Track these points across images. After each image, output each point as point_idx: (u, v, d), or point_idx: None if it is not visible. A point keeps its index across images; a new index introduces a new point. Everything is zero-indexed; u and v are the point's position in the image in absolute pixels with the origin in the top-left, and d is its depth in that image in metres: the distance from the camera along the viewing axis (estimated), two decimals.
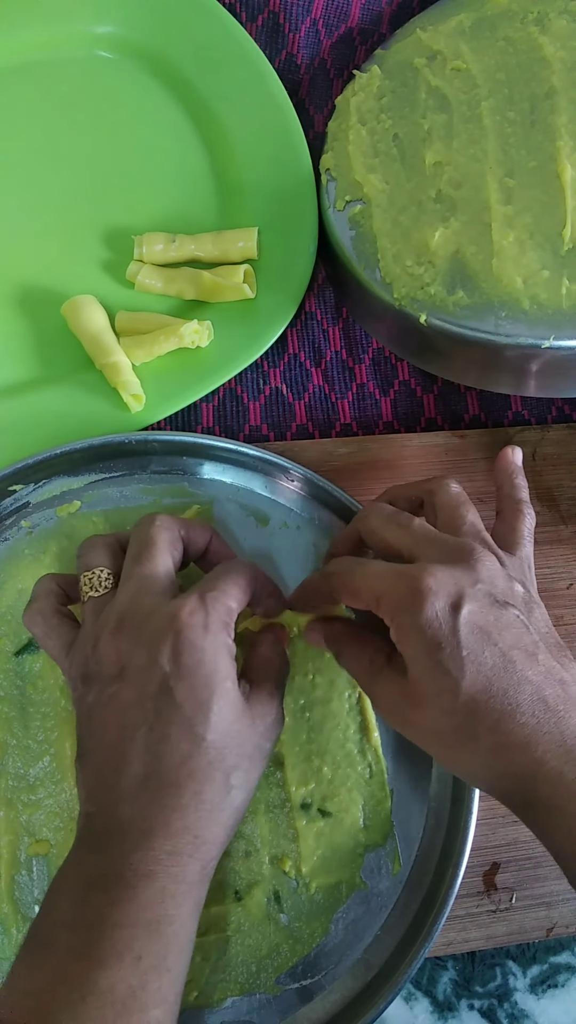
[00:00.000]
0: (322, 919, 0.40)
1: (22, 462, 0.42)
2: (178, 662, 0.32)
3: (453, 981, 0.45)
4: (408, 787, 0.42)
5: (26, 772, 0.40)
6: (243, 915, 0.39)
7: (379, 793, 0.41)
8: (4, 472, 0.42)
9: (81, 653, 0.35)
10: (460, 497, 0.37)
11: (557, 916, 0.43)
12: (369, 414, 0.50)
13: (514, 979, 0.45)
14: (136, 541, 0.37)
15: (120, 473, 0.44)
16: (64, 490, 0.44)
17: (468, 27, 0.48)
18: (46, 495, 0.44)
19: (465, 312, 0.42)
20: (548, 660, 0.32)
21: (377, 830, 0.41)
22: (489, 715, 0.31)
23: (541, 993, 0.44)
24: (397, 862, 0.41)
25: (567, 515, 0.48)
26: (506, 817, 0.43)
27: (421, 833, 0.41)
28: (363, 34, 0.55)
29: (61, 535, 0.43)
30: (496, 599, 0.32)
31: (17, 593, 0.42)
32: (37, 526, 0.43)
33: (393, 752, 0.42)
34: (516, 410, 0.51)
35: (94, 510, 0.44)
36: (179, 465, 0.45)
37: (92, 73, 0.53)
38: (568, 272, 0.41)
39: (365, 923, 0.40)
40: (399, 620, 0.32)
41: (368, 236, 0.46)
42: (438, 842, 0.41)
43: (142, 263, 0.49)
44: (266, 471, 0.45)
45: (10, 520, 0.43)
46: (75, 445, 0.43)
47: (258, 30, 0.54)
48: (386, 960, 0.39)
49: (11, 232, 0.50)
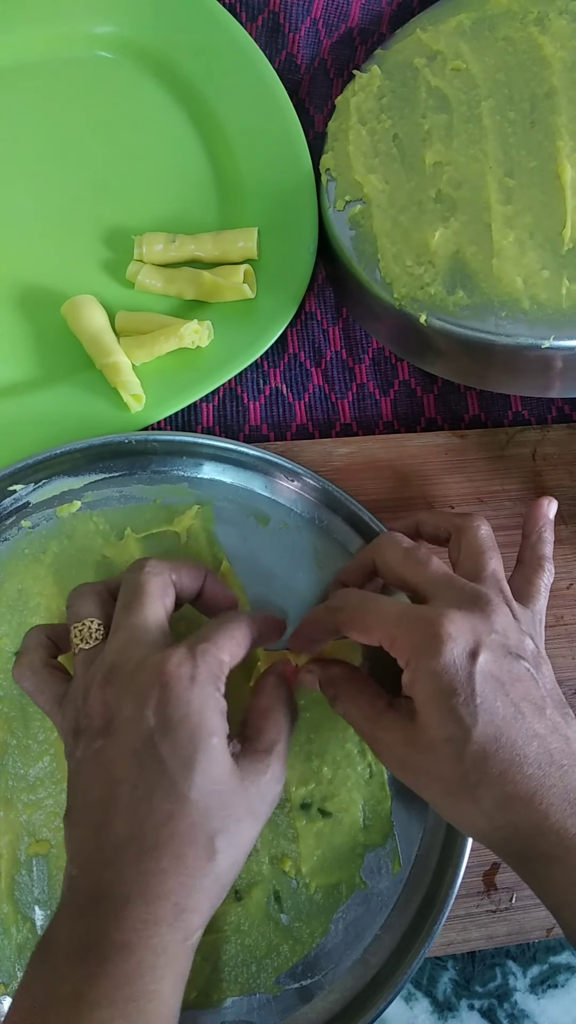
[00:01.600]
0: (322, 919, 0.40)
1: (22, 462, 0.42)
2: (163, 715, 0.30)
3: (453, 981, 0.45)
4: (408, 787, 0.41)
5: (26, 772, 0.40)
6: (243, 915, 0.39)
7: (379, 793, 0.41)
8: (4, 472, 0.42)
9: (72, 706, 0.33)
10: (488, 543, 0.37)
11: None
12: (369, 414, 0.50)
13: (514, 979, 0.45)
14: (126, 589, 0.35)
15: (120, 473, 0.44)
16: (64, 490, 0.44)
17: (468, 27, 0.48)
18: (46, 495, 0.44)
19: (465, 312, 0.42)
20: (554, 715, 0.32)
21: (377, 830, 0.41)
22: (497, 765, 0.30)
23: (541, 993, 0.44)
24: (397, 862, 0.41)
25: (567, 515, 0.48)
26: None
27: (421, 833, 0.41)
28: (363, 34, 0.55)
29: (61, 535, 0.43)
30: (509, 651, 0.32)
31: (17, 592, 0.42)
32: (37, 526, 0.43)
33: None
34: (516, 410, 0.51)
35: (94, 510, 0.44)
36: (179, 465, 0.45)
37: (92, 73, 0.53)
38: (568, 272, 0.41)
39: (365, 923, 0.40)
40: (415, 663, 0.32)
41: (368, 236, 0.46)
42: (438, 842, 0.41)
43: (142, 263, 0.49)
44: (266, 471, 0.45)
45: (10, 520, 0.43)
46: (75, 445, 0.43)
47: (258, 30, 0.54)
48: (386, 960, 0.39)
49: (11, 232, 0.50)
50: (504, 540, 0.46)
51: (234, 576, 0.44)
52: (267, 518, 0.45)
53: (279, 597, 0.43)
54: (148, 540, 0.44)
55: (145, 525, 0.44)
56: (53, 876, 0.39)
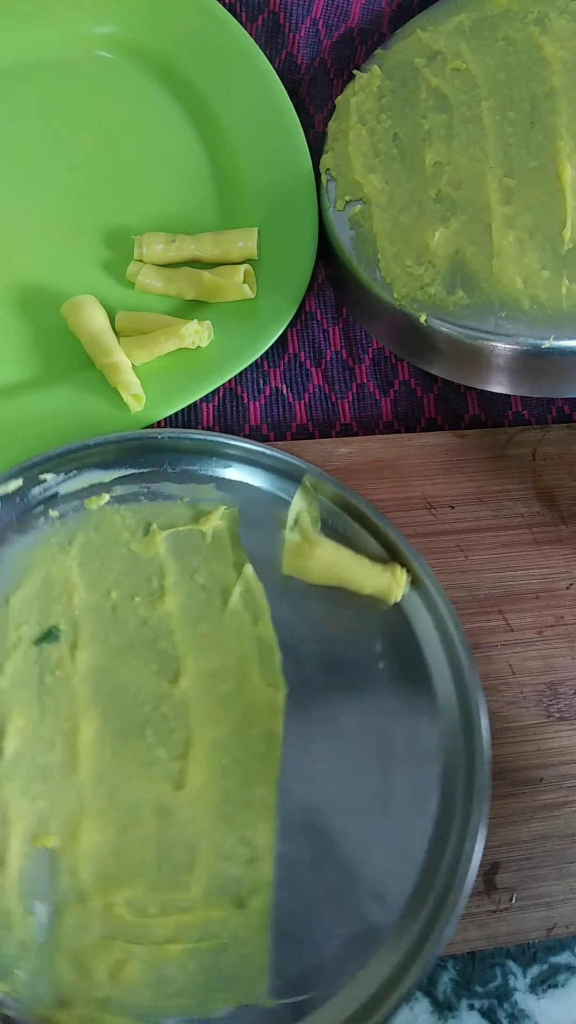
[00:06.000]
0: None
1: (56, 450, 0.43)
2: None
3: (453, 981, 0.44)
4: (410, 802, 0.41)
5: (38, 761, 0.40)
6: (242, 923, 0.39)
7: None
8: (36, 459, 0.42)
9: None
10: None
11: (557, 916, 0.43)
12: (369, 414, 0.50)
13: (514, 979, 0.45)
14: None
15: (149, 469, 0.45)
16: (94, 483, 0.44)
17: (468, 27, 0.48)
18: (76, 486, 0.44)
19: (465, 312, 0.42)
20: None
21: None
22: None
23: (541, 993, 0.44)
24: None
25: (567, 515, 0.48)
26: (506, 817, 0.43)
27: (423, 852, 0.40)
28: (363, 34, 0.55)
29: (88, 527, 0.44)
30: None
31: (42, 581, 0.42)
32: (64, 516, 0.44)
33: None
34: (516, 410, 0.51)
35: (122, 504, 0.44)
36: (208, 465, 0.45)
37: (92, 73, 0.53)
38: (568, 272, 0.41)
39: (368, 936, 0.39)
40: None
41: (368, 236, 0.46)
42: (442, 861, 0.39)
43: (142, 263, 0.49)
44: (295, 476, 0.45)
45: (38, 509, 0.44)
46: (109, 438, 0.43)
47: (258, 30, 0.54)
48: (388, 974, 0.38)
49: (11, 232, 0.50)
50: (504, 540, 0.47)
51: (256, 581, 0.43)
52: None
53: (298, 606, 0.43)
54: (173, 537, 0.44)
55: (171, 522, 0.44)
56: (55, 870, 0.39)
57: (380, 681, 0.42)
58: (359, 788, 0.41)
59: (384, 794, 0.40)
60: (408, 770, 0.41)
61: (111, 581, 0.43)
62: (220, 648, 0.42)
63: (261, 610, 0.43)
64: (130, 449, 0.44)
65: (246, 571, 0.43)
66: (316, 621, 0.43)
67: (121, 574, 0.43)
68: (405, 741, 0.41)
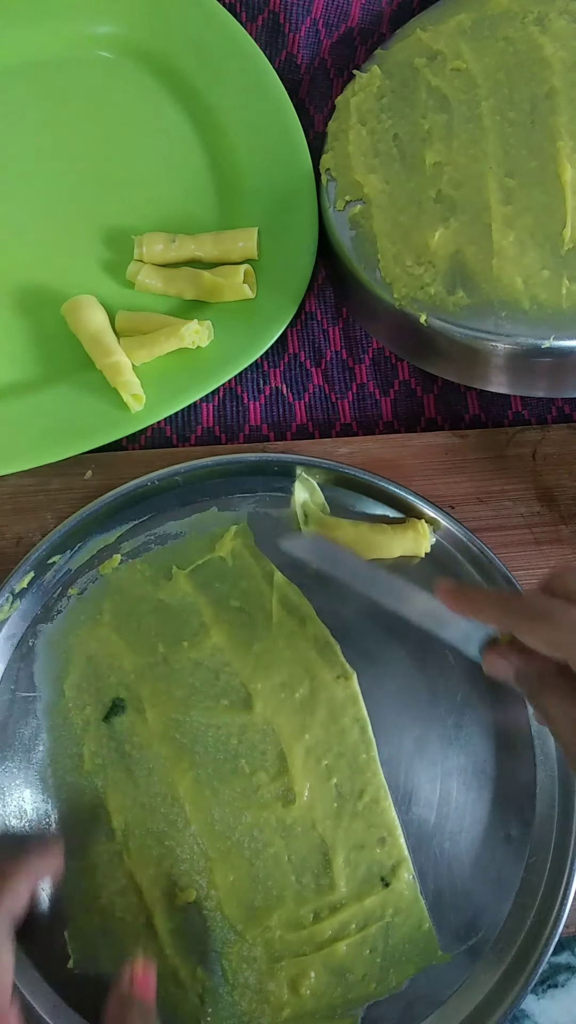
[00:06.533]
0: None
1: (53, 535, 0.43)
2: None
3: None
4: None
5: (149, 828, 0.40)
6: (394, 899, 0.40)
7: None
8: (40, 549, 0.42)
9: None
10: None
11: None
12: (369, 414, 0.50)
13: None
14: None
15: (149, 515, 0.45)
16: (101, 547, 0.44)
17: (468, 27, 0.48)
18: (85, 557, 0.44)
19: (465, 312, 0.42)
20: None
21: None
22: None
23: (541, 993, 0.44)
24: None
25: (567, 515, 0.48)
26: None
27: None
28: (363, 34, 0.55)
29: (112, 592, 0.44)
30: None
31: (87, 660, 0.43)
32: (85, 590, 0.44)
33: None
34: (516, 410, 0.51)
35: (136, 558, 0.44)
36: (203, 490, 0.45)
37: (92, 73, 0.53)
38: (568, 272, 0.41)
39: (511, 870, 0.41)
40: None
41: (368, 236, 0.46)
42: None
43: (142, 263, 0.49)
44: (289, 472, 0.45)
45: (57, 592, 0.44)
46: (99, 502, 0.43)
47: (258, 30, 0.54)
48: (537, 902, 0.41)
49: (11, 232, 0.50)
50: (504, 540, 0.47)
51: (291, 584, 0.44)
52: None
53: (336, 591, 0.43)
54: (196, 572, 0.44)
55: (188, 559, 0.44)
56: (204, 920, 0.39)
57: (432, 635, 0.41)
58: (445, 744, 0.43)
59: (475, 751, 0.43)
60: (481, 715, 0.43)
61: (153, 636, 0.43)
62: (280, 661, 0.43)
63: (305, 611, 0.43)
64: (123, 503, 0.44)
65: (277, 579, 0.44)
66: (358, 598, 0.41)
67: (160, 626, 0.43)
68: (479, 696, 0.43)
